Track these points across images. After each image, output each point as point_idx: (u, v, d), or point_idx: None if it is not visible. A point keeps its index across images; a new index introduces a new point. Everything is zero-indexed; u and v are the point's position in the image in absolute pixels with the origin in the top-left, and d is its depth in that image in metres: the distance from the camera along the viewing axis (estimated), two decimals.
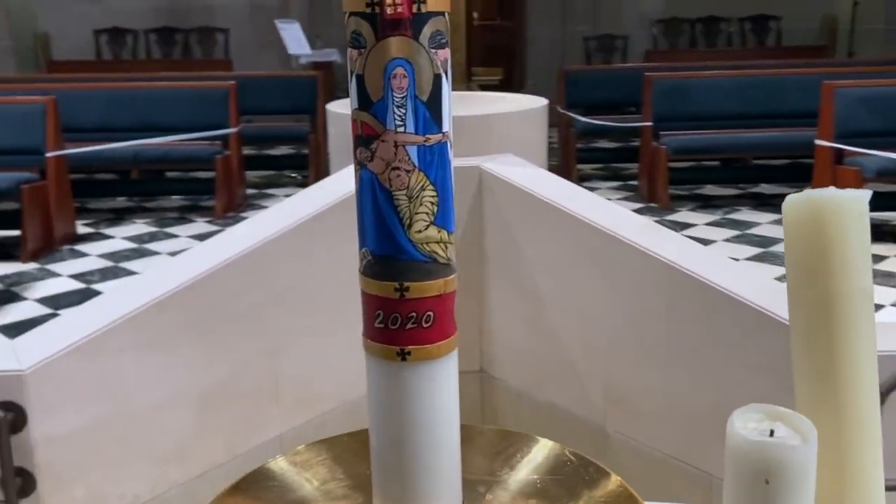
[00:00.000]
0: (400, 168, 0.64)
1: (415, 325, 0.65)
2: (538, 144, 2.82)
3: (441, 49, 0.65)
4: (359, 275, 0.71)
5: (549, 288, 2.28)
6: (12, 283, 4.29)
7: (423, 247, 0.64)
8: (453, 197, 0.68)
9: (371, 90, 0.64)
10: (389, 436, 0.69)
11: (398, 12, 0.62)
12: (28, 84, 6.03)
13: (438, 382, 0.68)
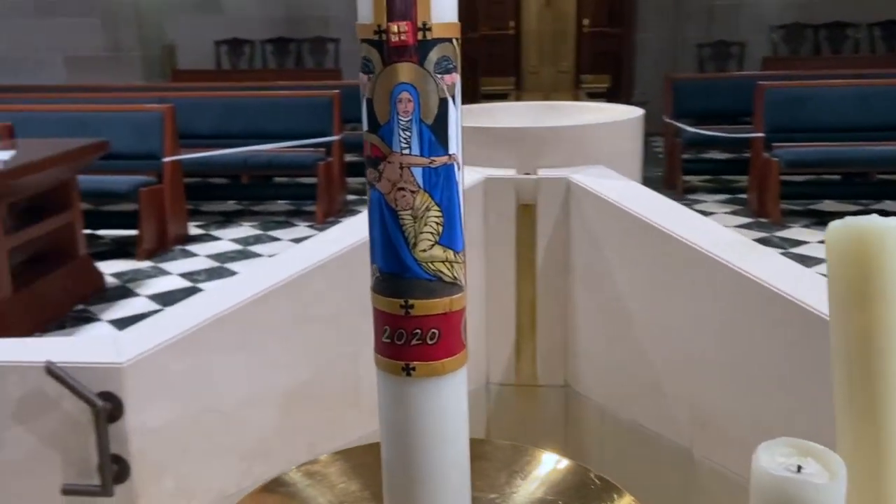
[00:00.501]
0: (405, 189, 0.65)
1: (419, 341, 0.66)
2: (632, 156, 2.76)
3: (448, 74, 0.66)
4: (370, 290, 0.72)
5: (635, 304, 2.23)
6: (128, 279, 4.55)
7: (427, 266, 0.65)
8: (461, 217, 0.69)
9: (379, 113, 0.66)
10: (397, 449, 0.69)
11: (402, 40, 0.64)
12: (149, 92, 6.38)
13: (444, 398, 0.68)
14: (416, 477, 0.69)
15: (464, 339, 0.71)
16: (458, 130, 0.68)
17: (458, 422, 0.71)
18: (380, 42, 0.65)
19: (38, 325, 3.80)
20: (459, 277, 0.69)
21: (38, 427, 1.94)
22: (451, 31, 0.67)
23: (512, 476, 0.83)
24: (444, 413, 0.70)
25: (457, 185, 0.68)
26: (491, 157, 2.48)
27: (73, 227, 4.16)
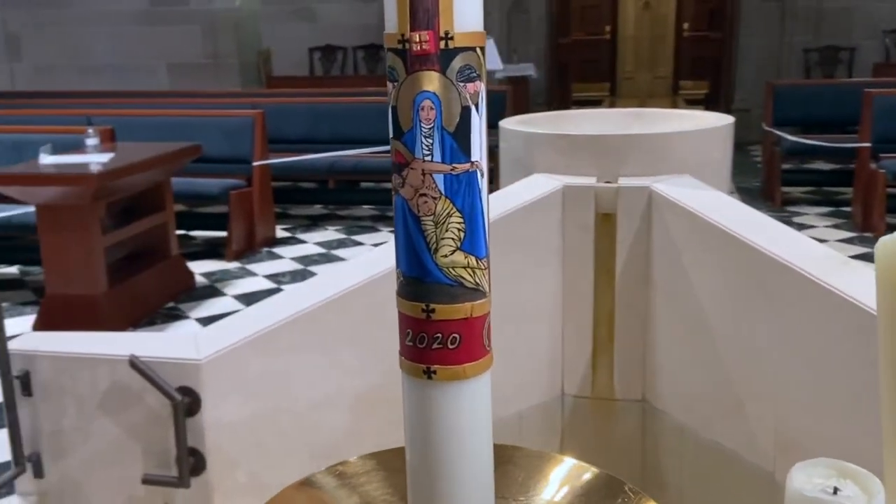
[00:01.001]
0: (427, 195, 0.65)
1: (440, 345, 0.67)
2: (720, 166, 2.67)
3: (471, 82, 0.67)
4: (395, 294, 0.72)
5: (719, 320, 2.15)
6: (216, 279, 4.70)
7: (448, 271, 0.65)
8: (485, 225, 0.68)
9: (402, 121, 0.66)
10: (420, 452, 0.70)
11: (424, 49, 0.64)
12: (242, 98, 6.58)
13: (465, 403, 0.68)
14: (438, 479, 0.69)
15: (487, 345, 0.70)
16: (483, 138, 0.68)
17: (480, 426, 0.70)
18: (403, 51, 0.65)
19: (131, 321, 3.96)
20: (482, 283, 0.68)
21: (123, 418, 2.02)
22: (474, 39, 0.66)
23: (539, 483, 0.80)
24: (466, 417, 0.69)
25: (480, 191, 0.67)
26: (570, 165, 2.44)
27: (166, 227, 4.33)
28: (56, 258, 3.69)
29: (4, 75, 9.38)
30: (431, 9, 0.63)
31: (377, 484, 0.82)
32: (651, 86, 13.92)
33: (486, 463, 0.71)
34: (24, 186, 3.65)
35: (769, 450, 2.01)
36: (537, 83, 9.17)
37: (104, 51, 9.18)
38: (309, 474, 0.84)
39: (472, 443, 0.69)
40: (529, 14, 9.43)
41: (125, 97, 6.84)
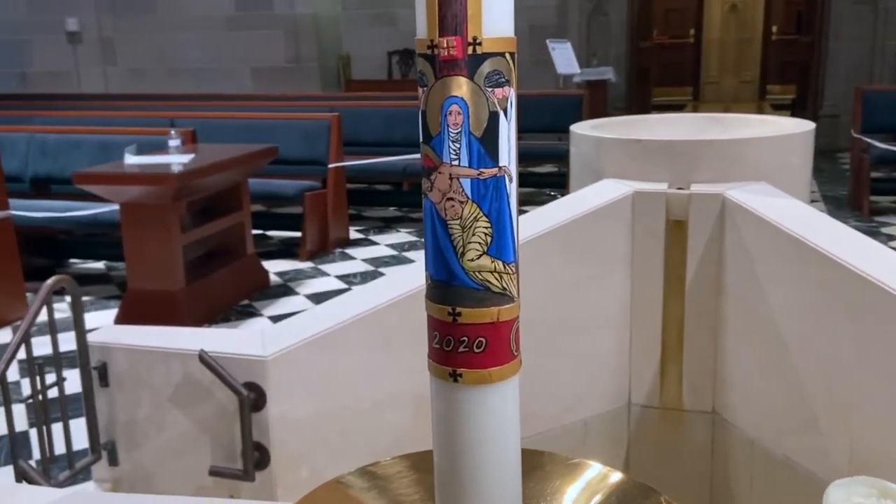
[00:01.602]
0: (454, 199, 0.65)
1: (466, 349, 0.66)
2: (799, 173, 2.58)
3: (499, 88, 0.66)
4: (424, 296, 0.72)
5: (793, 332, 2.08)
6: (290, 278, 4.80)
7: (475, 275, 0.65)
8: (514, 230, 0.67)
9: (431, 125, 0.66)
10: (446, 456, 0.69)
11: (451, 54, 0.64)
12: (320, 101, 6.70)
13: (491, 407, 0.67)
14: (465, 483, 0.69)
15: (514, 350, 0.69)
16: (511, 143, 0.68)
17: (507, 430, 0.70)
18: (432, 56, 0.65)
19: (207, 317, 4.08)
20: (510, 288, 0.68)
21: (193, 411, 2.08)
22: (504, 45, 0.66)
23: (570, 490, 0.79)
24: (492, 421, 0.69)
25: (508, 196, 0.67)
26: (641, 171, 2.40)
27: (242, 226, 4.44)
28: (138, 255, 3.84)
29: (99, 78, 9.81)
30: (459, 14, 0.63)
31: (408, 485, 0.82)
32: (736, 90, 13.57)
33: (513, 468, 0.70)
34: (110, 185, 3.80)
35: (843, 468, 1.94)
36: (616, 87, 9.04)
37: (192, 54, 9.50)
38: (339, 475, 0.85)
39: (499, 447, 0.69)
40: (609, 17, 9.31)
41: (208, 100, 7.06)
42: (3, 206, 4.08)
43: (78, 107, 6.71)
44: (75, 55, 9.77)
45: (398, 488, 0.83)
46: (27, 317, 2.13)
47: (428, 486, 0.82)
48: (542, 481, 0.81)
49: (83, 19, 9.55)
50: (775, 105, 12.51)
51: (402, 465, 0.85)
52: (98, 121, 5.48)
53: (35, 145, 4.95)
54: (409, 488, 0.82)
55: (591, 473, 0.82)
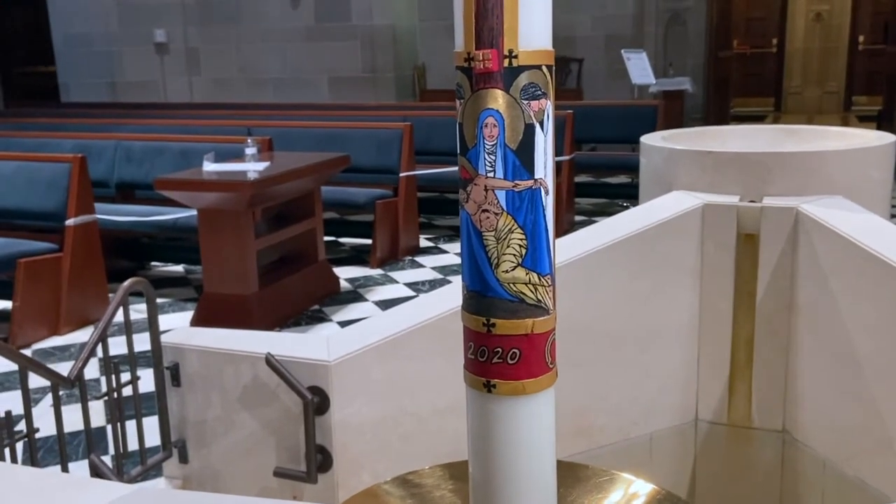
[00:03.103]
0: (489, 210, 0.66)
1: (500, 360, 0.66)
2: (880, 187, 2.49)
3: (536, 100, 0.66)
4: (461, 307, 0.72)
5: (868, 351, 2.01)
6: (360, 285, 4.86)
7: (509, 286, 0.65)
8: (550, 242, 0.67)
9: (467, 137, 0.67)
10: (480, 465, 0.70)
11: (487, 67, 0.64)
12: (393, 111, 6.78)
13: (524, 418, 0.67)
14: (498, 493, 0.69)
15: (549, 363, 0.69)
16: (548, 155, 0.67)
17: (541, 442, 0.70)
18: (469, 69, 0.66)
19: (278, 321, 4.17)
20: (544, 300, 0.67)
21: (259, 413, 2.14)
22: (541, 58, 0.66)
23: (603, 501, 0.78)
24: (525, 432, 0.69)
25: (543, 209, 0.67)
26: (712, 183, 2.36)
27: (314, 233, 4.52)
28: (213, 259, 3.95)
29: (185, 87, 10.16)
30: (496, 28, 0.63)
31: (444, 494, 0.83)
32: (820, 101, 13.14)
33: (547, 479, 0.70)
34: (188, 192, 3.94)
35: None
36: (693, 98, 8.87)
37: (272, 65, 9.75)
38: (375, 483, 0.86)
39: (533, 459, 0.69)
40: (687, 26, 9.15)
41: (284, 109, 7.23)
42: (90, 210, 4.27)
43: (162, 115, 6.97)
44: (162, 65, 10.14)
45: (435, 497, 0.84)
46: (104, 317, 2.22)
47: (464, 495, 0.82)
48: (579, 494, 0.80)
49: (170, 31, 9.92)
50: (861, 116, 12.07)
51: (439, 474, 0.86)
52: (180, 129, 5.68)
53: (121, 152, 5.16)
54: (446, 497, 0.83)
55: (632, 488, 0.82)
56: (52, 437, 2.61)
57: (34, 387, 2.38)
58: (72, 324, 4.19)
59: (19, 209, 4.33)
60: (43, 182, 4.23)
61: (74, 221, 4.13)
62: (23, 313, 3.98)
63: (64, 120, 6.62)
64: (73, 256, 4.14)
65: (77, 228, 4.15)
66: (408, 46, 9.71)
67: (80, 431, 2.44)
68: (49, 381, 2.16)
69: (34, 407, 2.33)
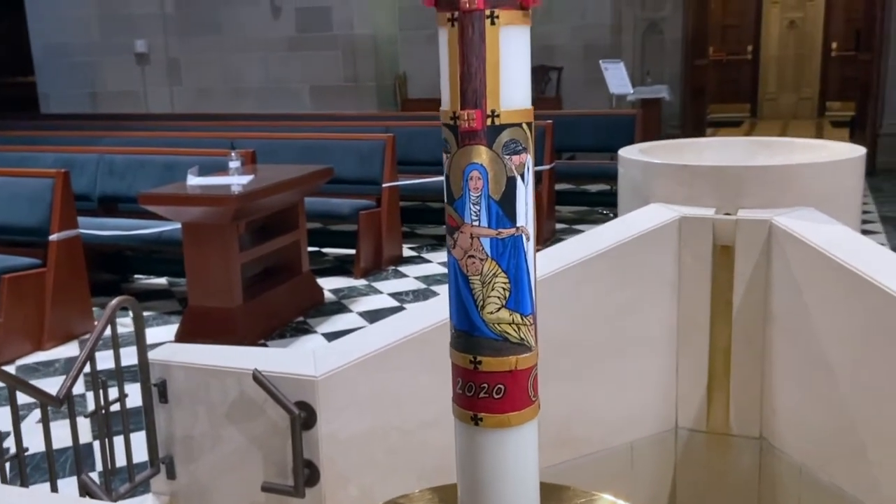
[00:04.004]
0: (475, 256, 0.71)
1: (486, 395, 0.72)
2: (850, 199, 2.56)
3: (517, 155, 0.72)
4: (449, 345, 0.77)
5: (841, 360, 2.07)
6: (344, 296, 4.89)
7: (494, 326, 0.70)
8: (531, 284, 0.72)
9: (454, 188, 0.72)
10: (468, 492, 0.74)
11: (471, 125, 0.69)
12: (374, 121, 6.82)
13: (510, 449, 0.72)
14: None
15: (532, 396, 0.74)
16: (528, 205, 0.73)
17: (525, 469, 0.75)
18: (454, 126, 0.71)
19: (263, 334, 4.19)
20: (527, 339, 0.73)
21: (246, 428, 2.16)
22: (521, 116, 0.71)
23: None
24: (511, 462, 0.74)
25: (525, 254, 0.72)
26: (689, 196, 2.42)
27: (299, 245, 4.55)
28: (198, 273, 3.97)
29: (165, 97, 10.15)
30: (479, 90, 0.68)
31: None
32: (795, 107, 13.34)
33: (531, 502, 0.75)
34: (172, 206, 3.95)
35: (891, 498, 1.93)
36: (671, 106, 8.99)
37: (255, 74, 9.77)
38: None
39: (518, 485, 0.74)
40: (664, 35, 9.27)
41: (267, 119, 7.24)
42: (73, 225, 4.27)
43: (144, 126, 6.97)
44: (143, 76, 10.13)
45: None
46: (93, 335, 2.24)
47: None
48: None
49: (151, 41, 9.91)
50: (835, 122, 12.26)
51: (428, 497, 0.91)
52: (163, 141, 5.69)
53: (104, 165, 5.17)
54: None
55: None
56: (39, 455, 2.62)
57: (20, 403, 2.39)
58: (56, 339, 4.19)
59: (2, 224, 4.33)
60: (26, 197, 4.24)
61: (58, 237, 4.14)
62: (6, 329, 3.98)
63: (45, 133, 6.61)
64: (56, 271, 4.14)
65: (61, 243, 4.15)
66: (389, 56, 9.76)
67: (66, 448, 2.45)
68: (38, 400, 2.17)
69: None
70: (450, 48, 0.71)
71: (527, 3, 0.75)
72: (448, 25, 0.72)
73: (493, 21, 0.71)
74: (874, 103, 8.95)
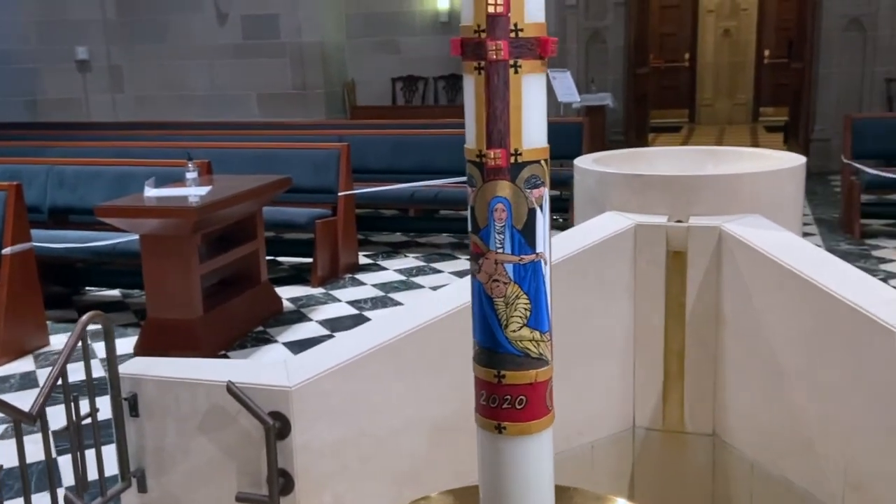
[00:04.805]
0: (499, 280, 0.79)
1: (509, 406, 0.80)
2: (792, 205, 2.69)
3: (536, 189, 0.80)
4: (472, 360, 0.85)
5: (788, 358, 2.19)
6: (302, 304, 4.91)
7: (517, 343, 0.79)
8: (548, 304, 0.80)
9: (479, 219, 0.80)
10: (492, 493, 0.81)
11: (497, 163, 0.77)
12: (328, 130, 6.84)
13: (530, 454, 0.80)
14: None
15: (549, 405, 0.83)
16: (546, 233, 0.81)
17: (543, 472, 0.83)
18: (480, 163, 0.79)
19: (223, 344, 4.19)
20: (545, 354, 0.81)
21: (220, 439, 2.18)
22: (540, 154, 0.80)
23: None
24: (531, 465, 0.82)
25: (543, 277, 0.81)
26: (643, 205, 2.51)
27: (257, 254, 4.56)
28: (157, 284, 3.95)
29: (108, 105, 9.98)
30: (503, 131, 0.77)
31: None
32: (730, 112, 13.76)
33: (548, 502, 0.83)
34: (131, 218, 3.93)
35: (838, 489, 2.04)
36: (615, 112, 9.20)
37: (200, 82, 9.68)
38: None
39: (537, 487, 0.82)
40: (607, 44, 9.50)
41: (218, 128, 7.20)
42: (26, 238, 4.21)
43: (90, 136, 6.85)
44: (84, 83, 9.95)
45: None
46: (64, 350, 2.24)
47: None
48: None
49: (93, 48, 9.74)
50: (768, 127, 12.69)
51: (447, 500, 0.98)
52: (114, 152, 5.62)
53: (53, 177, 5.09)
54: None
55: None
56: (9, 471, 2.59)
57: None
58: (9, 354, 4.12)
59: None
60: None
61: (11, 250, 4.07)
62: None
63: None
64: (9, 286, 4.07)
65: (14, 257, 4.09)
66: (337, 63, 9.77)
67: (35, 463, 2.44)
68: (11, 417, 2.16)
69: None
70: (476, 93, 0.79)
71: (544, 54, 0.84)
72: (475, 73, 0.81)
73: (517, 70, 0.79)
74: (806, 109, 9.32)
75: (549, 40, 0.84)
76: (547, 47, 0.85)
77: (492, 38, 0.81)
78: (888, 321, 1.86)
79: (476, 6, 0.81)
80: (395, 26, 10.03)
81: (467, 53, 0.84)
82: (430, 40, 9.94)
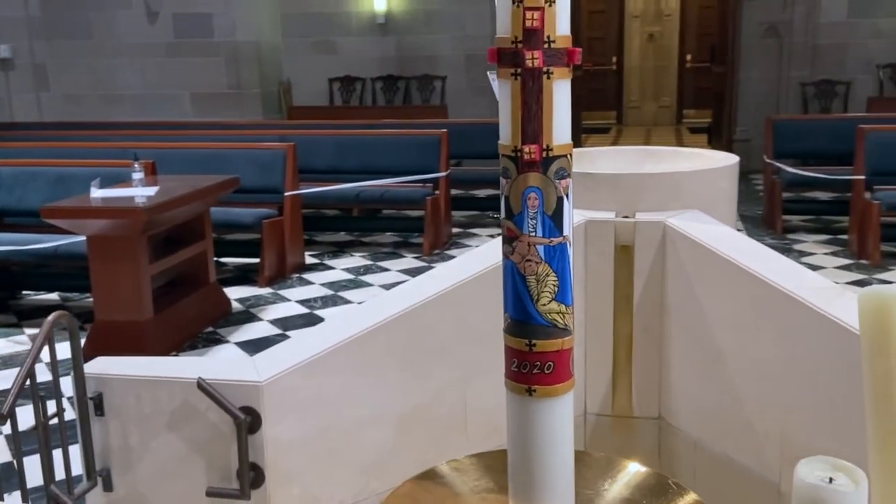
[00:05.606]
0: (531, 260, 0.90)
1: (539, 371, 0.91)
2: (727, 201, 2.87)
3: (563, 180, 0.92)
4: (503, 332, 0.96)
5: (727, 343, 2.33)
6: (251, 304, 4.92)
7: (546, 315, 0.90)
8: (571, 279, 0.92)
9: (513, 206, 0.91)
10: (521, 452, 0.93)
11: (532, 157, 0.89)
12: (269, 130, 6.82)
13: (557, 414, 0.91)
14: (535, 475, 0.92)
15: (571, 370, 0.94)
16: (570, 218, 0.93)
17: (567, 430, 0.94)
18: (515, 157, 0.90)
19: (175, 345, 4.17)
20: (569, 324, 0.93)
21: (188, 435, 2.20)
22: (566, 149, 0.92)
23: (605, 479, 1.04)
24: (557, 424, 0.92)
25: (568, 256, 0.92)
26: (592, 201, 2.64)
27: (205, 255, 4.55)
28: (105, 287, 3.92)
29: (33, 104, 9.69)
30: (537, 129, 0.88)
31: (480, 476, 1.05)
32: (656, 114, 14.20)
33: (570, 460, 0.94)
34: (78, 219, 3.88)
35: (775, 463, 2.19)
36: None
37: (130, 80, 9.48)
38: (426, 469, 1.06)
39: (561, 444, 0.93)
40: None
41: (156, 128, 7.09)
42: None
43: (16, 137, 6.67)
44: (7, 82, 9.64)
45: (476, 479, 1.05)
46: (31, 352, 2.24)
47: (494, 477, 1.04)
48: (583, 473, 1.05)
49: (15, 46, 9.46)
50: (692, 129, 13.15)
51: (475, 462, 1.08)
52: (50, 152, 5.50)
53: None
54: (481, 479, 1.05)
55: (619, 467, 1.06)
56: None
57: None
58: None
59: None
60: None
61: None
62: None
63: None
64: None
65: None
66: (272, 63, 9.71)
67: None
68: None
69: None
70: (512, 96, 0.90)
71: (571, 62, 0.95)
72: (511, 79, 0.92)
73: (549, 76, 0.91)
74: (728, 112, 9.72)
75: (575, 51, 0.97)
76: (574, 57, 0.97)
77: (528, 48, 0.92)
78: (818, 305, 2.01)
79: (514, 20, 0.93)
80: (332, 27, 10.03)
81: (504, 61, 0.96)
82: (367, 41, 9.98)
